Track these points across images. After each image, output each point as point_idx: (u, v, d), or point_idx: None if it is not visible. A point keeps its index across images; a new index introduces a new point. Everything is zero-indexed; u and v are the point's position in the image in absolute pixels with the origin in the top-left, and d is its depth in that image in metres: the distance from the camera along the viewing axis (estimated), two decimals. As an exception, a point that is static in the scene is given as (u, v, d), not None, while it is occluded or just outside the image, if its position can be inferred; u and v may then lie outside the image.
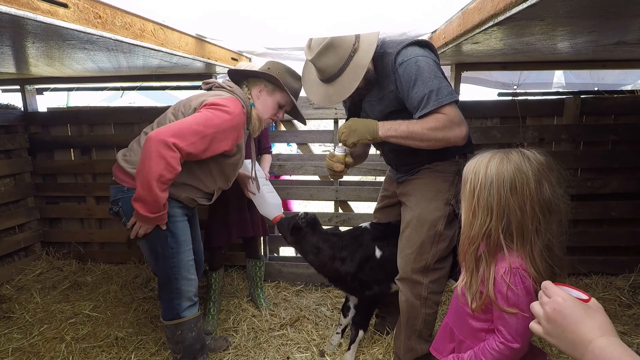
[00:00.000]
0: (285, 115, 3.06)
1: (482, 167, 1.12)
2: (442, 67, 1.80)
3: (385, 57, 1.73)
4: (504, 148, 1.16)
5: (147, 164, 1.60)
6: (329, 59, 1.68)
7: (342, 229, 2.33)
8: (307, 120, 2.35)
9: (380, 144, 1.92)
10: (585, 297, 0.75)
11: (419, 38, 1.78)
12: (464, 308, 1.21)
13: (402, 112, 1.74)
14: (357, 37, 1.71)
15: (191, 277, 1.89)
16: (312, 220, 2.09)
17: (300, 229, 2.06)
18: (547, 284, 0.80)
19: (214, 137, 1.73)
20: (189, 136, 1.66)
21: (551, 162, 1.11)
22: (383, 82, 1.77)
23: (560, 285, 0.79)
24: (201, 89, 2.08)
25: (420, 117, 1.62)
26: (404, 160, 1.93)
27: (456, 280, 1.55)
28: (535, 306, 0.80)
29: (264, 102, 1.99)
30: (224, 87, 1.92)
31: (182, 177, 1.79)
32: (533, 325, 0.80)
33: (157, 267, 1.87)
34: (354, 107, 1.98)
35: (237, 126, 1.82)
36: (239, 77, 2.04)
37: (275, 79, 1.93)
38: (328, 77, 1.74)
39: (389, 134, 1.68)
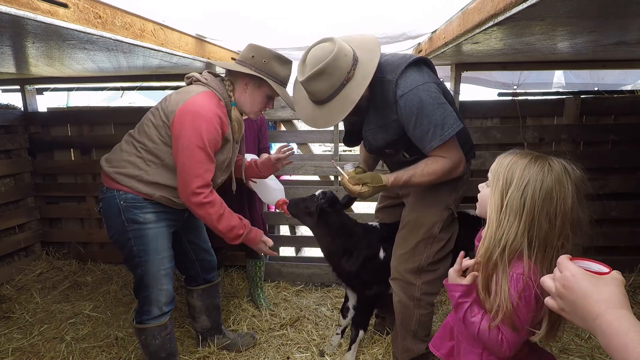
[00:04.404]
0: (285, 115, 3.10)
1: (518, 166, 1.06)
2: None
3: (384, 85, 1.65)
4: (541, 152, 1.08)
5: (206, 220, 1.81)
6: (320, 84, 1.57)
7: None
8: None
9: (382, 154, 1.96)
10: (605, 270, 0.72)
11: (415, 56, 1.71)
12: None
13: (406, 136, 1.71)
14: (354, 64, 1.59)
15: (162, 287, 1.85)
16: (332, 200, 2.06)
17: (324, 211, 2.01)
18: (560, 259, 0.75)
19: (210, 148, 1.75)
20: (200, 171, 1.73)
21: (585, 178, 1.07)
22: (385, 109, 1.70)
23: (579, 259, 0.75)
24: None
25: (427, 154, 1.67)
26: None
27: None
28: (547, 281, 0.76)
29: (251, 97, 1.88)
30: (200, 81, 1.85)
31: (154, 176, 1.79)
32: (548, 300, 0.76)
33: (132, 271, 1.88)
34: (350, 125, 1.96)
35: (217, 122, 1.76)
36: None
37: (261, 78, 1.80)
38: (315, 100, 1.67)
39: (397, 187, 1.78)
